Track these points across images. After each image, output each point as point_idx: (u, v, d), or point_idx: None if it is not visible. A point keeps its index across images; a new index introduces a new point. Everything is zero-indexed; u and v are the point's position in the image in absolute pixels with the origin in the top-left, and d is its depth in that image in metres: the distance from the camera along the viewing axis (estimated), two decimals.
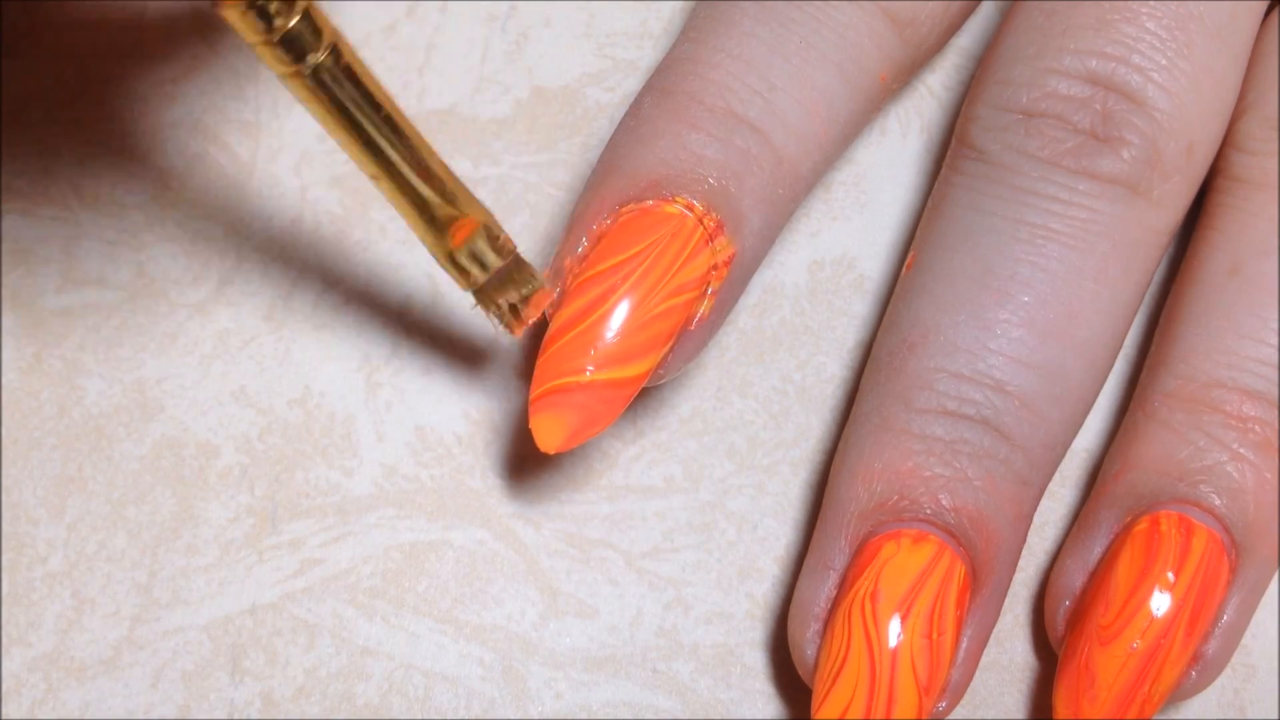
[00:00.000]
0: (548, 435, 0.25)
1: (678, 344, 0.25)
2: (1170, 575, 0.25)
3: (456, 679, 0.28)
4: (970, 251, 0.26)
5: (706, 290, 0.25)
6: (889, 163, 0.31)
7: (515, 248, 0.25)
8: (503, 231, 0.24)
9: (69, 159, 0.30)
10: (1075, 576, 0.27)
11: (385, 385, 0.29)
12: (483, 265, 0.24)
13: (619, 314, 0.24)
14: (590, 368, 0.24)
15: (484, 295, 0.25)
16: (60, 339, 0.29)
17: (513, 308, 0.25)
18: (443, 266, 0.24)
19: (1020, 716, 0.28)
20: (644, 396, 0.29)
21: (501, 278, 0.25)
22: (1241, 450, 0.26)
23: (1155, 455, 0.26)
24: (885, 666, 0.25)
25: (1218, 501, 0.26)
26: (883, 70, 0.27)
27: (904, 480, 0.26)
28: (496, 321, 0.25)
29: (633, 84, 0.31)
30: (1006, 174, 0.26)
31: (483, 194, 0.30)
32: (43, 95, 0.30)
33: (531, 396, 0.25)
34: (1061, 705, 0.26)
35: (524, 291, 0.25)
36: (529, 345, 0.30)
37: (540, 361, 0.25)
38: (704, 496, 0.29)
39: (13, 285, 0.29)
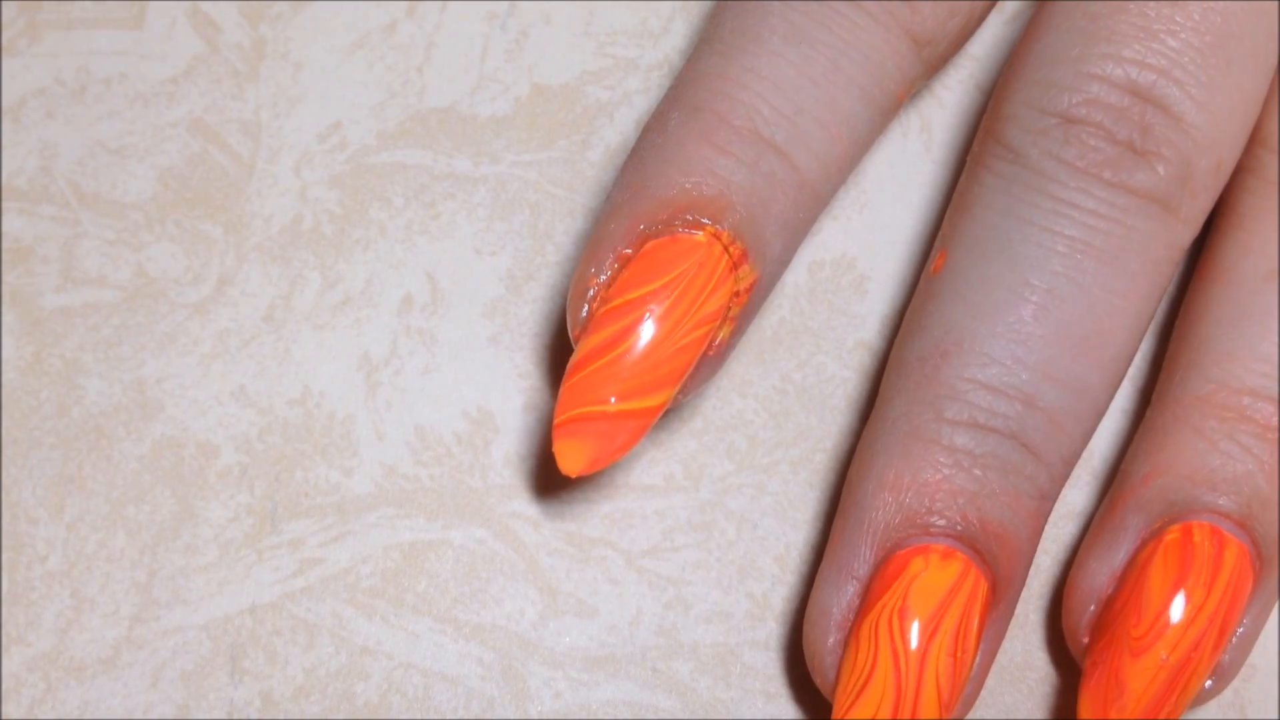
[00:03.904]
0: (570, 460, 0.25)
1: (697, 368, 0.26)
2: (1203, 590, 0.25)
3: (456, 678, 0.28)
4: (1008, 261, 0.26)
5: (727, 315, 0.25)
6: (889, 163, 0.31)
7: None
8: None
9: (69, 158, 0.30)
10: (1099, 578, 0.27)
11: (385, 385, 0.29)
12: None
13: (645, 347, 0.25)
14: (614, 398, 0.25)
15: None
16: (60, 338, 0.29)
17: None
18: None
19: (1018, 716, 0.28)
20: None
21: None
22: (1273, 463, 0.26)
23: (1187, 461, 0.26)
24: (912, 682, 0.25)
25: (1247, 513, 0.26)
26: (901, 89, 0.27)
27: (933, 493, 0.26)
28: None
29: (633, 82, 0.31)
30: (1044, 181, 0.26)
31: (483, 192, 0.30)
32: (42, 94, 0.30)
33: (555, 422, 0.25)
34: (1087, 710, 0.26)
35: None
36: (530, 344, 0.30)
37: (565, 388, 0.25)
38: (704, 496, 0.29)
39: (12, 284, 0.29)
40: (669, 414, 0.29)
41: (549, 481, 0.29)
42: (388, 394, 0.29)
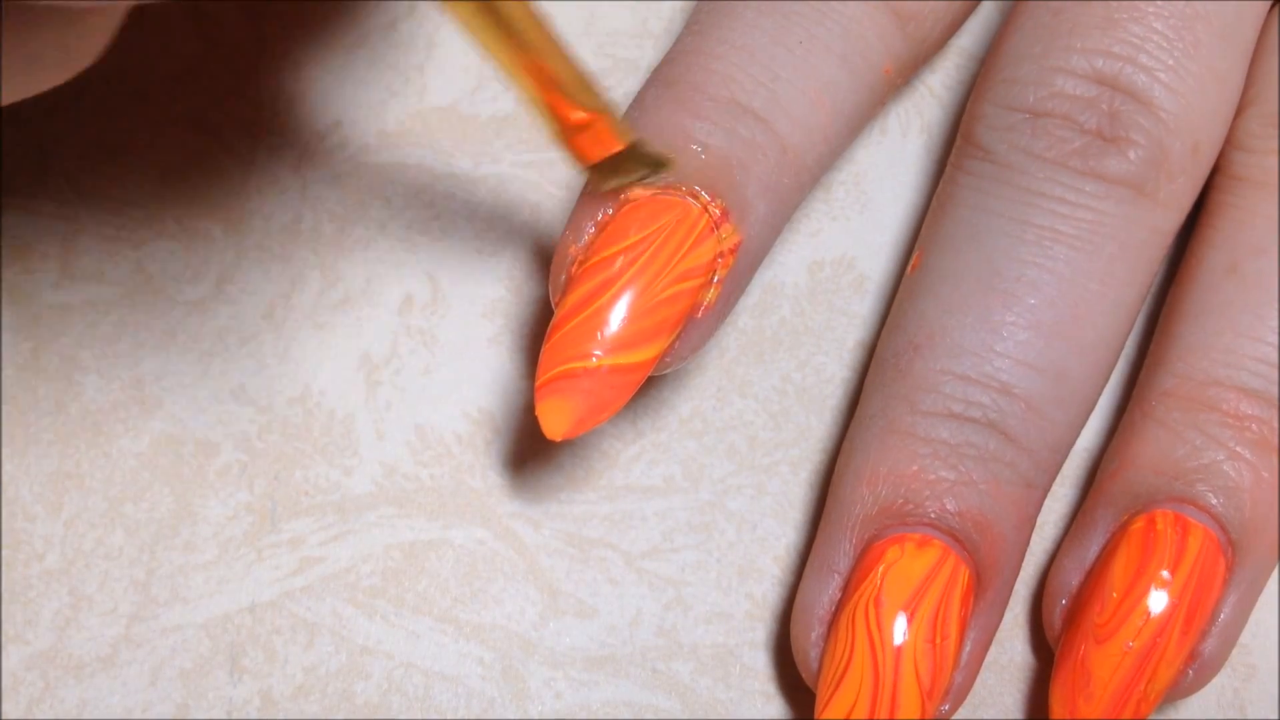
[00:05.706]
0: (554, 422, 0.24)
1: (684, 332, 0.25)
2: (1166, 574, 0.25)
3: (456, 678, 0.28)
4: (976, 252, 0.26)
5: (713, 278, 0.25)
6: (889, 163, 0.31)
7: (632, 138, 0.24)
8: (622, 124, 0.24)
9: (68, 155, 0.30)
10: (1072, 575, 0.27)
11: (385, 384, 0.29)
12: (598, 151, 0.24)
13: (625, 299, 0.24)
14: (597, 353, 0.24)
15: (595, 174, 0.24)
16: (58, 334, 0.29)
17: (622, 187, 0.24)
18: (559, 147, 0.24)
19: (1019, 716, 0.28)
20: (644, 396, 0.29)
21: (612, 164, 0.24)
22: (1238, 449, 0.26)
23: (1152, 454, 0.27)
24: (889, 670, 0.25)
25: (1214, 500, 0.26)
26: (887, 63, 0.27)
27: (909, 484, 0.26)
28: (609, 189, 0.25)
29: (633, 83, 0.31)
30: (1013, 174, 0.26)
31: (483, 192, 0.30)
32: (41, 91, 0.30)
33: (537, 383, 0.24)
34: (1057, 704, 0.26)
35: (633, 178, 0.24)
36: (531, 344, 0.30)
37: (546, 347, 0.24)
38: (704, 496, 0.29)
39: (11, 280, 0.29)
40: (668, 414, 0.29)
41: (550, 482, 0.29)
42: (388, 394, 0.29)
